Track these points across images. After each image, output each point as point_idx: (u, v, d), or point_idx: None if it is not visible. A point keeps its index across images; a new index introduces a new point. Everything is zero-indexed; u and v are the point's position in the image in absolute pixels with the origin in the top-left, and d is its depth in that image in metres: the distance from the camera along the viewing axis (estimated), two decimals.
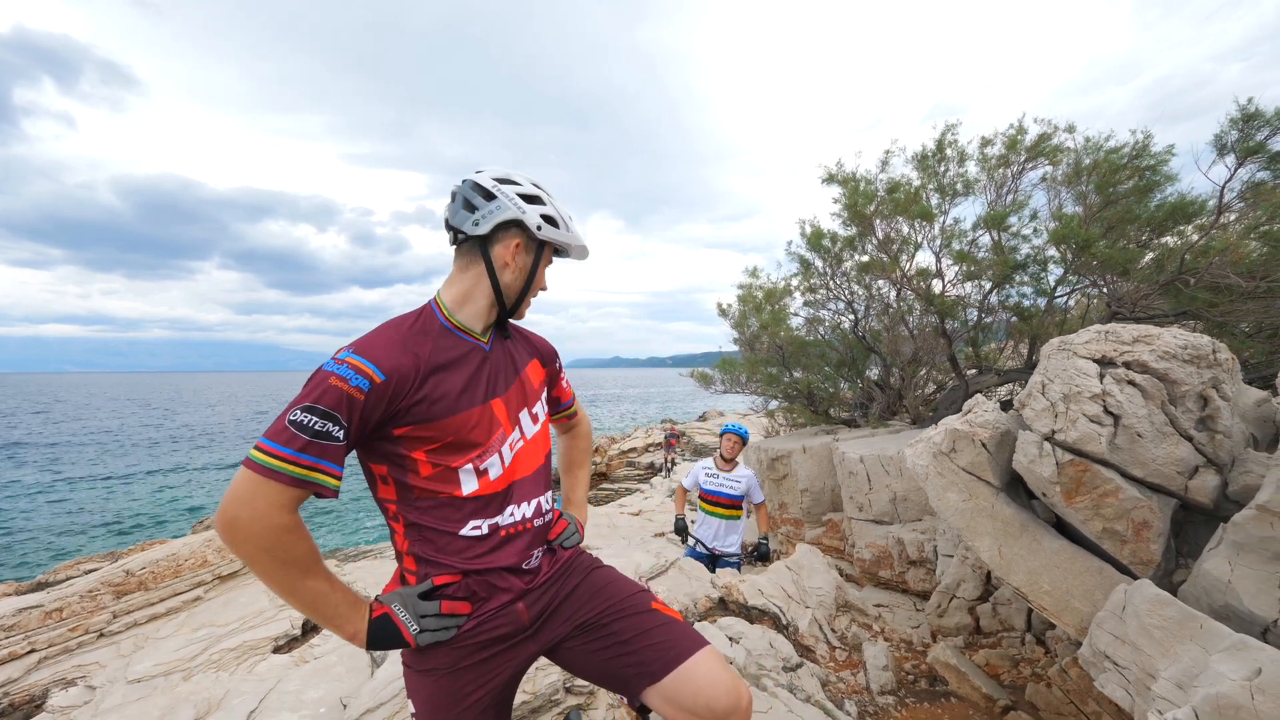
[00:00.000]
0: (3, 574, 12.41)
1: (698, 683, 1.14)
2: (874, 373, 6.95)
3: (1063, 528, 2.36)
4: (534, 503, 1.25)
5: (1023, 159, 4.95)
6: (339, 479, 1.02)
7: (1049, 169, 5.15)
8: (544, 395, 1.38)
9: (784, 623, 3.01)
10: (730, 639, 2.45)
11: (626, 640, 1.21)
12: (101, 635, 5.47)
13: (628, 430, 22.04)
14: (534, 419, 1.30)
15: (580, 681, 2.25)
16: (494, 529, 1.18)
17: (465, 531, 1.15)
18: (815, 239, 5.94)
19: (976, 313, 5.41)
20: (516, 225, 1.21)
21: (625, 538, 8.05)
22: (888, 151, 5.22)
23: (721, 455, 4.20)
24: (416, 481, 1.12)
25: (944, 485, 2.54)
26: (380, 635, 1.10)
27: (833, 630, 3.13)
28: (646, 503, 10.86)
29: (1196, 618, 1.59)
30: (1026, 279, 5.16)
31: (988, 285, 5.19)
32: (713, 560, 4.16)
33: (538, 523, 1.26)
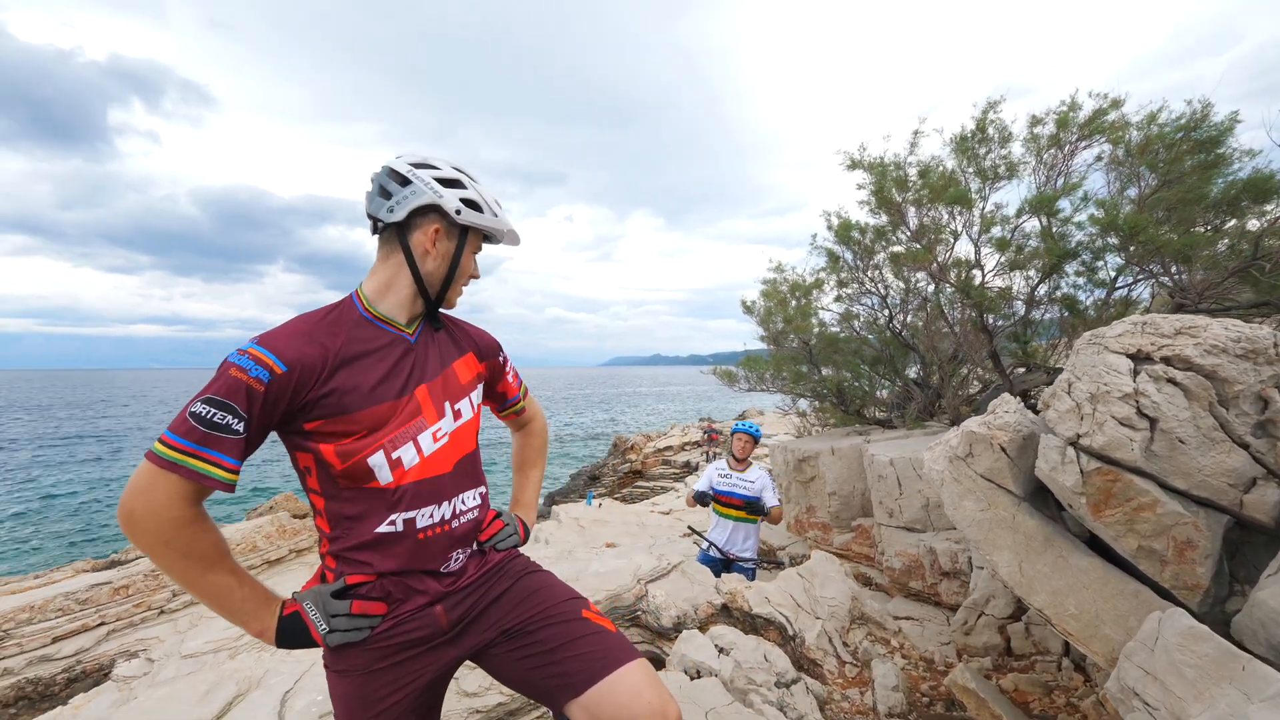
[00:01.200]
0: (87, 551, 13.51)
1: (620, 698, 1.05)
2: (913, 371, 6.58)
3: (1100, 544, 2.11)
4: (453, 502, 1.18)
5: (1075, 137, 4.53)
6: (235, 473, 0.98)
7: (1108, 148, 4.70)
8: (476, 391, 1.30)
9: (790, 633, 2.84)
10: (719, 649, 2.31)
11: (551, 649, 1.13)
12: (162, 613, 5.85)
13: (664, 428, 21.93)
14: (457, 414, 1.22)
15: None
16: (410, 526, 1.12)
17: (381, 528, 1.10)
18: (844, 230, 5.64)
19: (1024, 306, 5.01)
20: (434, 210, 1.15)
21: (653, 537, 7.96)
22: (916, 133, 4.87)
23: (734, 455, 4.06)
24: (333, 473, 1.08)
25: (960, 492, 2.32)
26: (289, 633, 1.06)
27: (844, 644, 2.94)
28: (679, 502, 10.73)
29: (1238, 657, 1.35)
30: (1080, 268, 4.73)
31: (1036, 276, 4.79)
32: (726, 565, 4.01)
33: (456, 524, 1.18)
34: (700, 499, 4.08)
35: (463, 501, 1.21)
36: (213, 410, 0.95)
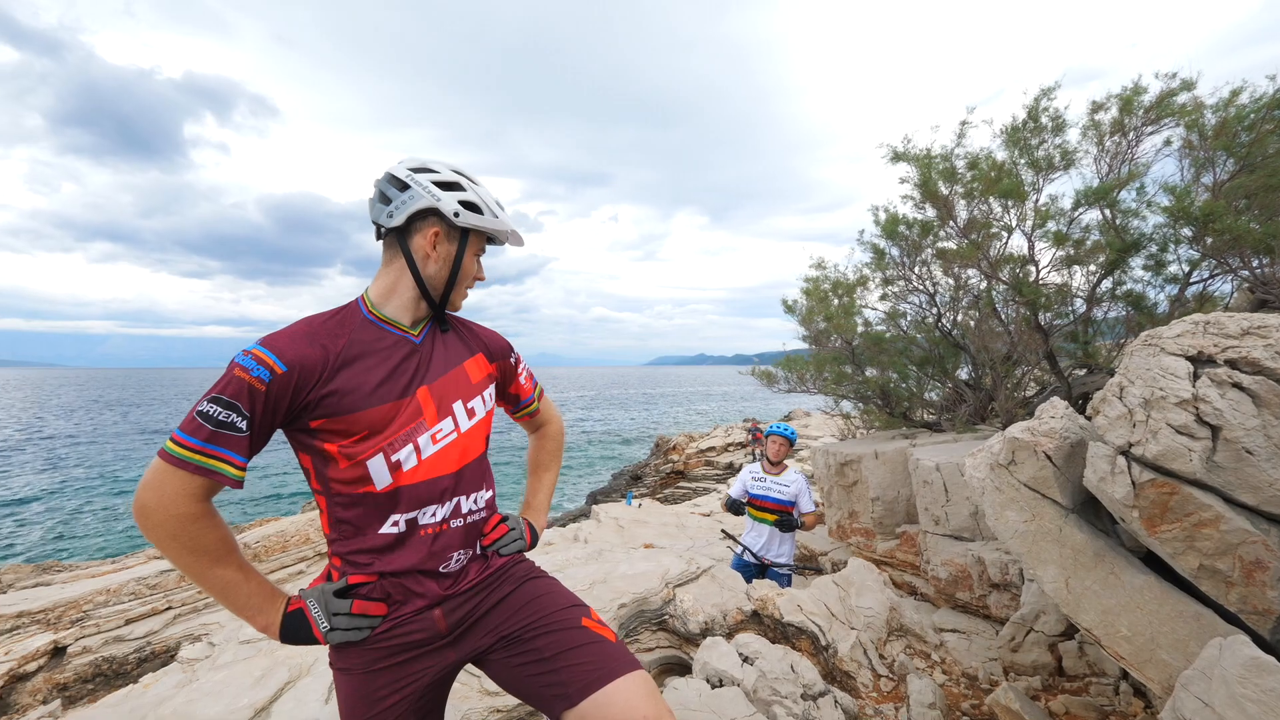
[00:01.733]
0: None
1: (614, 710, 1.03)
2: (964, 372, 6.28)
3: (1159, 562, 1.95)
4: (455, 502, 1.19)
5: (1140, 122, 4.21)
6: (242, 469, 1.02)
7: (1179, 132, 4.35)
8: (487, 391, 1.31)
9: (823, 643, 2.75)
10: (743, 658, 2.26)
11: (548, 658, 1.13)
12: None
13: (707, 429, 21.74)
14: (469, 414, 1.23)
15: None
16: (412, 526, 1.13)
17: (384, 529, 1.12)
18: (891, 225, 5.43)
19: (1084, 304, 4.70)
20: (434, 214, 1.16)
21: (692, 538, 7.91)
22: (964, 123, 4.63)
23: (768, 458, 3.97)
24: (336, 474, 1.11)
25: (1002, 502, 2.19)
26: (292, 630, 1.10)
27: (881, 656, 2.83)
28: (720, 503, 10.62)
29: None
30: (1149, 262, 4.39)
31: (1098, 272, 4.49)
32: (761, 570, 3.94)
33: (457, 523, 1.19)
34: (733, 508, 4.00)
35: (470, 502, 1.21)
36: (219, 409, 0.99)
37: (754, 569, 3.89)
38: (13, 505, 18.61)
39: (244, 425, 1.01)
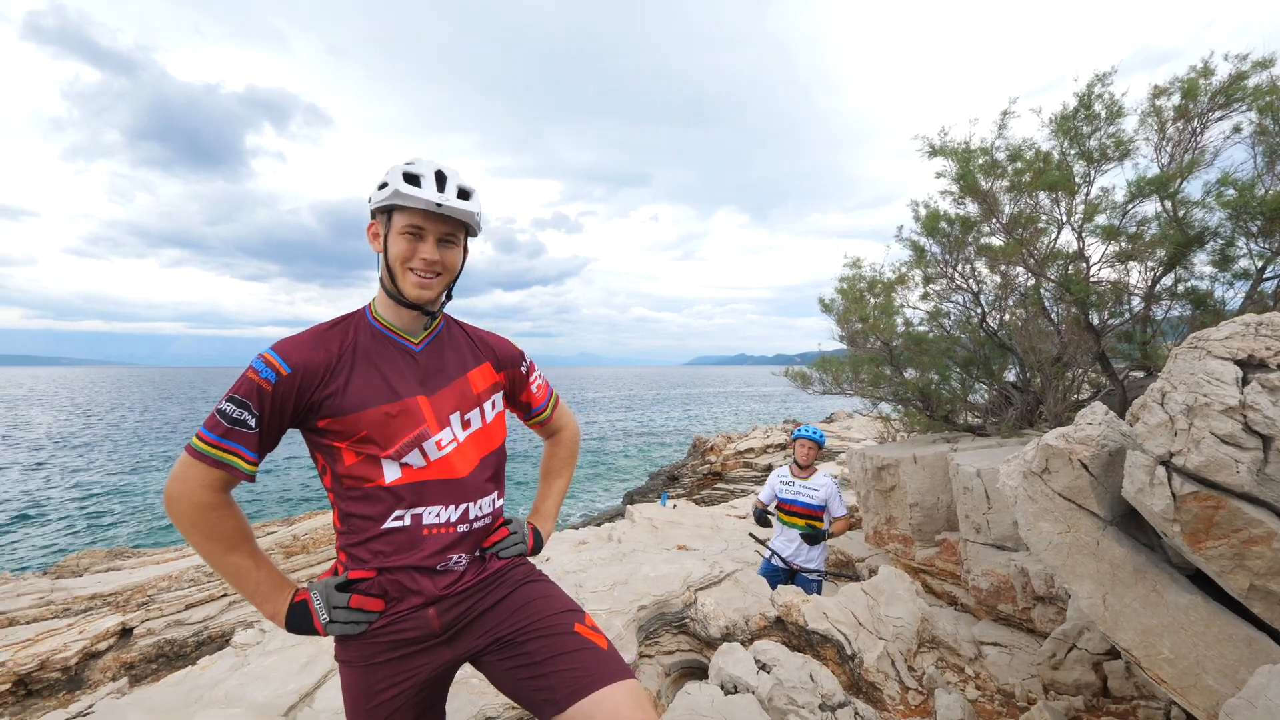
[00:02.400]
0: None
1: (599, 718, 1.04)
2: (1011, 374, 5.99)
3: (1207, 580, 1.82)
4: (462, 507, 1.21)
5: (1205, 107, 3.92)
6: (253, 464, 1.10)
7: (1251, 116, 4.03)
8: (491, 401, 1.33)
9: (849, 653, 2.69)
10: (760, 665, 2.22)
11: (538, 662, 1.14)
12: None
13: (746, 429, 21.49)
14: (465, 424, 1.25)
15: None
16: (416, 524, 1.17)
17: (388, 524, 1.16)
18: (931, 221, 5.23)
19: (1142, 302, 4.41)
20: (372, 215, 1.23)
21: (726, 541, 7.84)
22: (1005, 114, 4.41)
23: (796, 462, 3.89)
24: (343, 471, 1.16)
25: (1035, 512, 2.09)
26: (297, 619, 1.16)
27: (910, 669, 2.74)
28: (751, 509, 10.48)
29: None
30: (1215, 257, 4.09)
31: (1156, 268, 4.21)
32: (790, 576, 3.86)
33: (463, 528, 1.22)
34: (759, 519, 3.92)
35: (477, 507, 1.24)
36: (233, 408, 1.07)
37: (783, 574, 3.82)
38: (102, 495, 20.03)
39: (253, 423, 1.08)
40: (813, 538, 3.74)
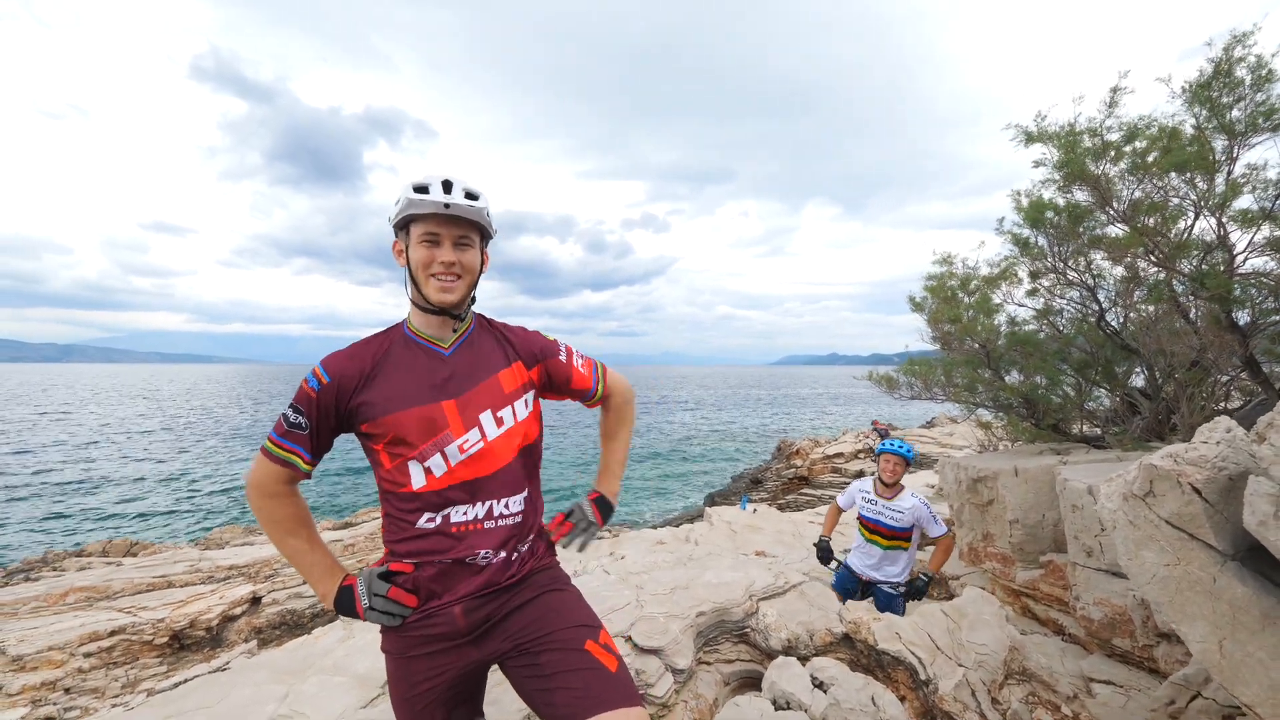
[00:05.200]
0: (329, 514, 16.94)
1: None
2: (1139, 378, 5.29)
3: None
4: (488, 504, 1.27)
5: None
6: (309, 463, 1.25)
7: None
8: (521, 401, 1.36)
9: (923, 678, 2.52)
10: (816, 683, 2.13)
11: (547, 675, 1.18)
12: None
13: (835, 434, 20.59)
14: (499, 422, 1.30)
15: None
16: (444, 523, 1.25)
17: (420, 524, 1.25)
18: (1034, 211, 4.74)
19: None
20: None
21: (809, 549, 7.58)
22: (1115, 89, 3.88)
23: (881, 479, 3.64)
24: (383, 473, 1.27)
25: (1138, 539, 1.86)
26: (343, 602, 1.27)
27: (995, 701, 2.52)
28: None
29: None
30: None
31: None
32: (864, 590, 3.66)
33: (489, 525, 1.27)
34: (822, 556, 3.61)
35: (503, 505, 1.29)
36: (293, 414, 1.23)
37: (854, 589, 3.63)
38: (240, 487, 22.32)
39: (304, 426, 1.23)
40: (915, 592, 3.44)
